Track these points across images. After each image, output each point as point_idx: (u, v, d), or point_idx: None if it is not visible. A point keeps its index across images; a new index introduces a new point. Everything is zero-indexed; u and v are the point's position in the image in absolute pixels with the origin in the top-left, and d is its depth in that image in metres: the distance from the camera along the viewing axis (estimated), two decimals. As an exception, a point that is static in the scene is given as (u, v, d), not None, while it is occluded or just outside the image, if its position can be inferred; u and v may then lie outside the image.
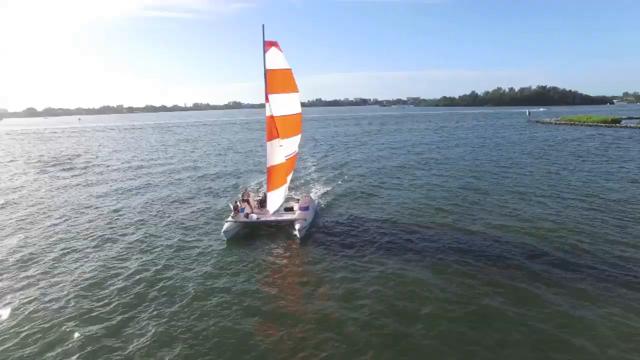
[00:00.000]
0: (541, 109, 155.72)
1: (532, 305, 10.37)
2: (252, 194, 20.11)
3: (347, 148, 47.57)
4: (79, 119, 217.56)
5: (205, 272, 12.86)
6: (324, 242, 15.43)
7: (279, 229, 16.95)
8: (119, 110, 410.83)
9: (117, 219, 19.39)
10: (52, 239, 16.53)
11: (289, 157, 18.01)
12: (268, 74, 16.36)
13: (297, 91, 18.01)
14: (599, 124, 72.44)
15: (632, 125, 65.58)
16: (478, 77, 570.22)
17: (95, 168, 36.51)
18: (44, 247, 15.65)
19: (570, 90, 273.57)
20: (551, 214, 18.25)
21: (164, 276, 12.62)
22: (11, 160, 45.45)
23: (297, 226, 16.00)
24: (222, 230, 16.13)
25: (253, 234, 16.70)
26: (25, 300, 11.23)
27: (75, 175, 32.38)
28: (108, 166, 37.65)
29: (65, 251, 15.13)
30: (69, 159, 44.67)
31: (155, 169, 34.79)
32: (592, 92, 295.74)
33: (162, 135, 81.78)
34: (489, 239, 15.18)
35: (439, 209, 19.38)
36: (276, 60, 16.59)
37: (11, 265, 13.84)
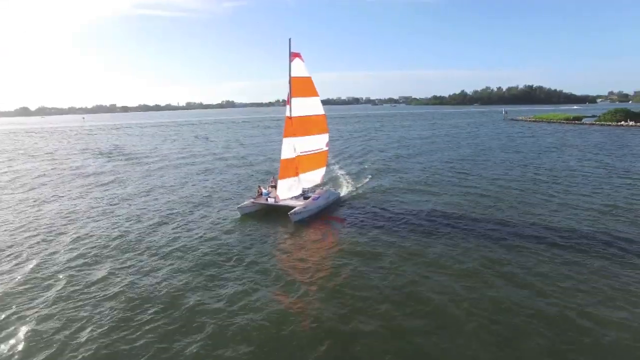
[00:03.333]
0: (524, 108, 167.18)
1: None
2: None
3: (350, 145, 50.13)
4: (83, 118, 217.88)
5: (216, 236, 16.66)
6: (327, 229, 17.68)
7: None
8: (112, 109, 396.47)
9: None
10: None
11: (307, 153, 20.62)
12: (292, 81, 19.44)
13: (317, 95, 20.85)
14: (562, 121, 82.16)
15: (588, 123, 75.22)
16: (476, 77, 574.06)
17: (159, 161, 40.89)
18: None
19: (555, 90, 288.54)
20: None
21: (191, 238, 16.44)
22: (84, 150, 53.77)
23: (293, 210, 18.44)
24: (237, 206, 19.77)
25: (271, 214, 19.71)
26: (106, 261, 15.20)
27: (146, 163, 38.71)
28: (158, 157, 43.73)
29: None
30: (132, 150, 51.14)
31: (200, 160, 39.95)
32: (592, 92, 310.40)
33: (177, 132, 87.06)
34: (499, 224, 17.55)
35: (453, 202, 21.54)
36: (299, 69, 19.75)
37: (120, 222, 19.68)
